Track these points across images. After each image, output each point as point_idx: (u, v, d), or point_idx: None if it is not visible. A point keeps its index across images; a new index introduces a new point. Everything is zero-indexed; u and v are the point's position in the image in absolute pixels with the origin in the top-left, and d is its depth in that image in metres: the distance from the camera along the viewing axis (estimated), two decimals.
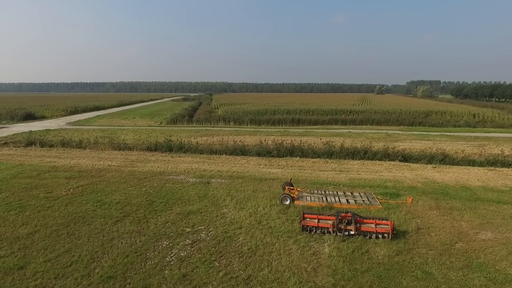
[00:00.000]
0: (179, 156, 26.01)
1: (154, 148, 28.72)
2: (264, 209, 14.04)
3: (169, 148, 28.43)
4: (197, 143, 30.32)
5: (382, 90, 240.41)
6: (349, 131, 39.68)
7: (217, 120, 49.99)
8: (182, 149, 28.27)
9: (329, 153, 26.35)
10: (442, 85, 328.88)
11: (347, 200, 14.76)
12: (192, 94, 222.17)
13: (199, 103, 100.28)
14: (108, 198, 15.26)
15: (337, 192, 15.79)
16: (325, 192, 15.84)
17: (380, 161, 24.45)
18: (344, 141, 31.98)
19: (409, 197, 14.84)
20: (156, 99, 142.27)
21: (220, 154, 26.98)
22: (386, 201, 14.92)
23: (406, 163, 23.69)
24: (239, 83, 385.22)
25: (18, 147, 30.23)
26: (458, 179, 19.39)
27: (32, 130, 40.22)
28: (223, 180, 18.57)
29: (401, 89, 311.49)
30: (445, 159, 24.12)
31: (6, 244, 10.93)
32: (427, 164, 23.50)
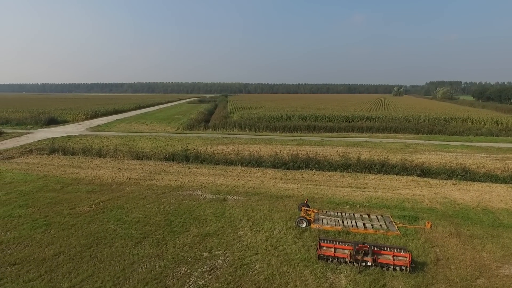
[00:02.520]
0: (196, 168, 26.38)
1: (172, 157, 29.26)
2: (280, 232, 14.13)
3: (186, 158, 28.94)
4: (213, 153, 30.70)
5: (400, 91, 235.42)
6: (366, 140, 39.17)
7: (233, 126, 50.31)
8: (199, 159, 28.69)
9: (346, 166, 26.14)
10: (463, 85, 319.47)
11: (364, 224, 14.65)
12: (208, 95, 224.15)
13: (214, 106, 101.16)
14: (128, 217, 15.70)
15: (353, 215, 15.68)
16: (341, 214, 15.76)
17: (397, 176, 24.08)
18: (360, 152, 31.67)
19: (428, 222, 14.58)
20: (173, 101, 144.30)
21: (236, 165, 27.21)
22: (404, 225, 14.72)
23: (425, 179, 23.23)
24: (254, 83, 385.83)
25: (42, 154, 31.38)
26: (480, 199, 18.88)
27: (55, 136, 41.71)
28: (239, 197, 18.74)
29: (419, 90, 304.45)
30: (466, 175, 23.50)
31: (34, 266, 11.44)
32: (447, 180, 22.97)
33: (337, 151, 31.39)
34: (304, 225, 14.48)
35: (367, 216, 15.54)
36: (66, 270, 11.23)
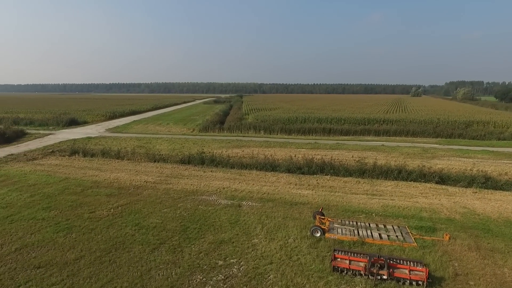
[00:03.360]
0: (211, 171, 26.67)
1: (187, 160, 29.71)
2: (294, 241, 14.16)
3: (202, 161, 29.33)
4: (228, 156, 30.97)
5: (419, 92, 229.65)
6: (383, 144, 38.56)
7: (248, 128, 50.49)
8: (214, 162, 29.02)
9: (361, 171, 25.83)
10: (485, 85, 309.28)
11: (379, 234, 14.49)
12: (223, 95, 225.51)
13: (229, 106, 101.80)
14: (145, 222, 16.08)
15: (369, 224, 15.53)
16: (356, 223, 15.63)
17: (415, 183, 23.65)
18: (377, 157, 31.23)
19: (446, 234, 14.28)
20: (189, 101, 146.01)
21: (251, 169, 27.34)
22: (421, 237, 14.47)
23: (444, 186, 22.72)
24: (269, 84, 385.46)
25: (64, 156, 32.44)
26: (502, 209, 18.33)
27: (75, 138, 43.01)
28: (254, 203, 18.86)
29: (439, 90, 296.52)
30: (487, 183, 22.83)
31: (56, 270, 11.90)
32: (467, 188, 22.40)
33: (352, 156, 31.07)
34: (318, 234, 14.46)
35: (383, 226, 15.36)
36: (86, 274, 11.64)
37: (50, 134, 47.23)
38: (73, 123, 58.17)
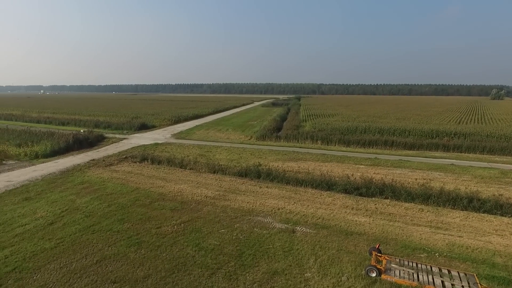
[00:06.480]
0: (267, 187, 27.29)
1: (245, 173, 30.85)
2: (348, 280, 13.97)
3: (258, 174, 30.22)
4: (284, 170, 31.39)
5: (500, 94, 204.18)
6: (452, 163, 35.38)
7: (305, 138, 50.24)
8: (270, 176, 29.68)
9: (425, 197, 24.14)
10: None
11: (442, 282, 13.54)
12: (281, 97, 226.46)
13: (287, 110, 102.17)
14: (204, 243, 17.21)
15: (431, 268, 14.58)
16: (416, 265, 14.79)
17: (489, 216, 21.44)
18: (444, 179, 28.92)
19: None
20: (247, 104, 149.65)
21: (306, 186, 27.37)
22: None
23: None
24: (329, 84, 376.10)
25: (135, 162, 35.90)
26: None
27: (145, 143, 47.18)
28: (308, 230, 18.93)
29: None
30: None
31: (128, 287, 13.44)
32: None
33: (416, 178, 29.11)
34: (374, 275, 14.05)
35: (447, 272, 14.31)
36: None
37: (124, 138, 52.43)
38: (143, 127, 63.78)
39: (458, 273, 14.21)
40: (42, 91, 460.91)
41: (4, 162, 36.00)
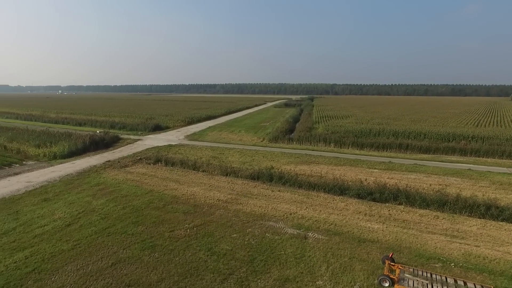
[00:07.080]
0: (279, 191, 27.28)
1: (257, 176, 30.91)
2: None
3: (270, 177, 30.25)
4: (296, 174, 31.30)
5: None
6: (470, 168, 34.53)
7: (317, 140, 49.91)
8: (282, 179, 29.67)
9: (441, 203, 23.65)
10: None
11: None
12: (294, 97, 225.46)
13: (300, 111, 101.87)
14: (217, 247, 17.37)
15: (446, 279, 14.30)
16: (431, 276, 14.53)
17: (508, 224, 20.88)
18: (461, 185, 28.27)
19: None
20: (260, 104, 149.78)
21: (318, 190, 27.24)
22: None
23: None
24: (342, 84, 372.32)
25: (149, 164, 36.48)
26: None
27: (159, 145, 47.86)
28: (320, 236, 18.85)
29: None
30: None
31: None
32: None
33: (430, 184, 28.52)
34: (387, 285, 13.89)
35: (462, 284, 14.00)
36: None
37: (139, 140, 53.32)
38: (157, 128, 64.71)
39: (475, 285, 13.90)
40: (60, 91, 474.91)
41: (24, 162, 37.22)
